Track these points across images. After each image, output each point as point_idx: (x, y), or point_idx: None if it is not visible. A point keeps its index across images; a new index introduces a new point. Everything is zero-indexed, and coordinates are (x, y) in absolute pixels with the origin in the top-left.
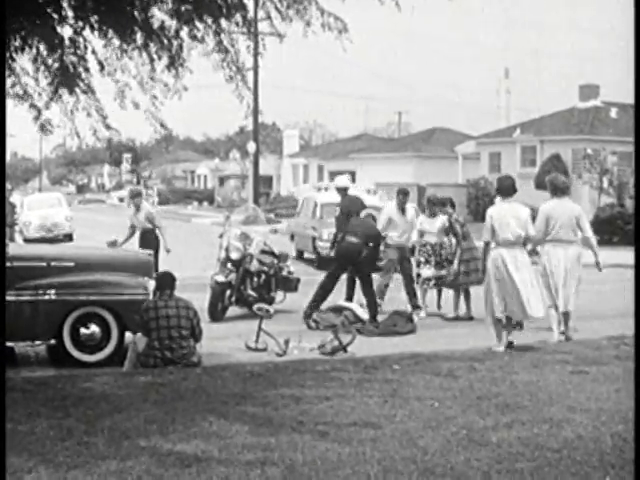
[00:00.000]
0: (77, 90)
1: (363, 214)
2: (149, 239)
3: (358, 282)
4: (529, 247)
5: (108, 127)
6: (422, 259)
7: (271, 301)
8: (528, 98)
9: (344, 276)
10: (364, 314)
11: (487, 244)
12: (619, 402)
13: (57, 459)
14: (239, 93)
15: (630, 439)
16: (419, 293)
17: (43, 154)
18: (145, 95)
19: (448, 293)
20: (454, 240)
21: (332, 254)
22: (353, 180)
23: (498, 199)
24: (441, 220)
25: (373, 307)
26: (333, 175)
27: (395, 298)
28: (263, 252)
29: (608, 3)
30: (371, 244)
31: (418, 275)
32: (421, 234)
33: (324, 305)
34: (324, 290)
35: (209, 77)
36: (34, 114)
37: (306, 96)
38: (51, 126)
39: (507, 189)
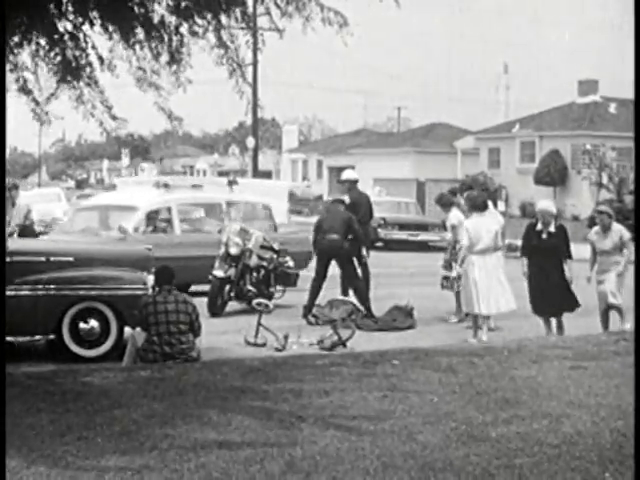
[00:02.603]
0: (80, 83)
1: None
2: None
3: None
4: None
5: (114, 117)
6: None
7: (270, 296)
8: (527, 93)
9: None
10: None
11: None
12: (618, 398)
13: (57, 454)
14: (239, 89)
15: (629, 435)
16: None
17: (42, 149)
18: (150, 87)
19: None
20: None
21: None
22: None
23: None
24: (449, 217)
25: (363, 298)
26: (332, 170)
27: (395, 294)
28: (262, 247)
29: None
30: (350, 237)
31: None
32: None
33: (324, 300)
34: (314, 289)
35: (208, 73)
36: (35, 108)
37: (305, 91)
38: (50, 120)
39: (481, 205)
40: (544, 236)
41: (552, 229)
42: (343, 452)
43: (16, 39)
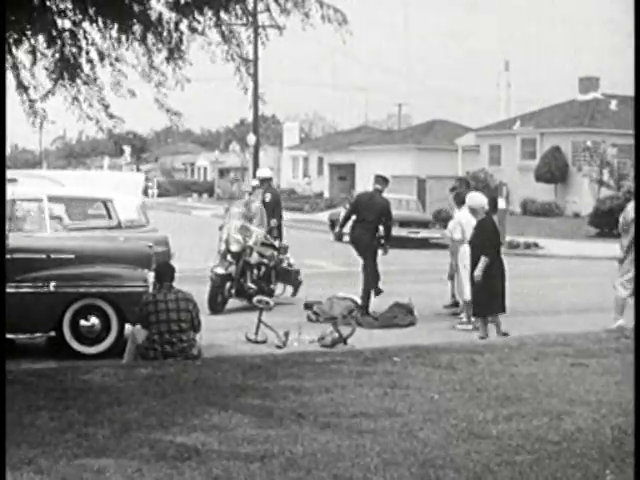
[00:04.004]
0: (78, 81)
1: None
2: None
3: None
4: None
5: (111, 116)
6: None
7: (271, 293)
8: (528, 90)
9: (351, 269)
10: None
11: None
12: (619, 395)
13: (57, 451)
14: (243, 85)
15: (630, 432)
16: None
17: (43, 146)
18: (148, 85)
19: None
20: None
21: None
22: (353, 172)
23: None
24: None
25: (366, 297)
26: (333, 167)
27: (396, 291)
28: (263, 244)
29: None
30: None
31: None
32: None
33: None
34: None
35: (209, 69)
36: (31, 106)
37: (306, 88)
38: (45, 116)
39: (464, 200)
40: (473, 231)
41: (474, 223)
42: (344, 449)
43: (15, 36)
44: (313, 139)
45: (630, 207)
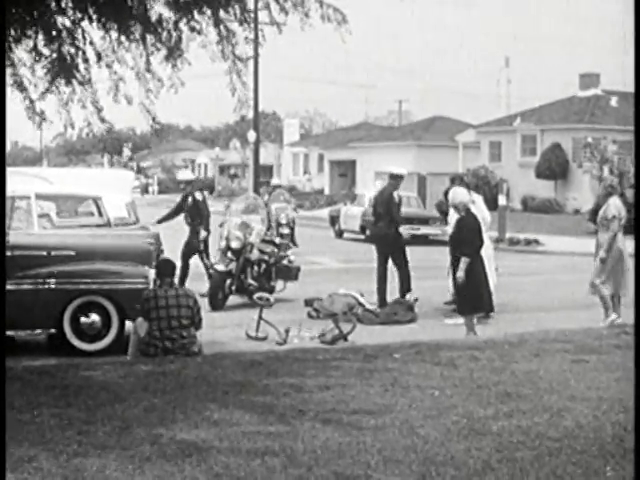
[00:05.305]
0: (74, 81)
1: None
2: None
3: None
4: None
5: (102, 120)
6: None
7: (271, 290)
8: (529, 87)
9: (351, 265)
10: (366, 302)
11: None
12: (619, 391)
13: (57, 448)
14: (233, 86)
15: (630, 428)
16: None
17: (44, 143)
18: (141, 87)
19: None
20: None
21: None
22: (354, 169)
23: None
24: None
25: (405, 286)
26: (334, 164)
27: (396, 288)
28: (263, 241)
29: None
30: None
31: None
32: None
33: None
34: (380, 275)
35: (210, 66)
36: (28, 105)
37: (306, 85)
38: (44, 117)
39: None
40: (452, 229)
41: (453, 221)
42: (344, 446)
43: (14, 34)
44: (313, 136)
45: (612, 202)
